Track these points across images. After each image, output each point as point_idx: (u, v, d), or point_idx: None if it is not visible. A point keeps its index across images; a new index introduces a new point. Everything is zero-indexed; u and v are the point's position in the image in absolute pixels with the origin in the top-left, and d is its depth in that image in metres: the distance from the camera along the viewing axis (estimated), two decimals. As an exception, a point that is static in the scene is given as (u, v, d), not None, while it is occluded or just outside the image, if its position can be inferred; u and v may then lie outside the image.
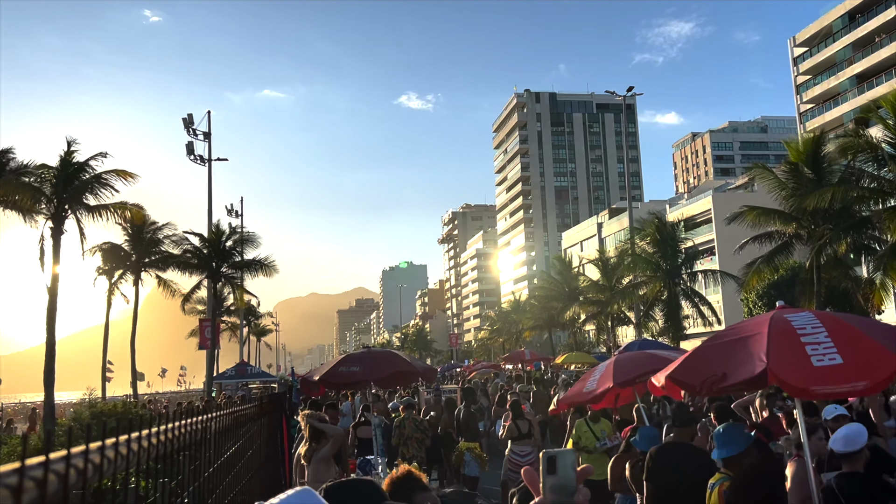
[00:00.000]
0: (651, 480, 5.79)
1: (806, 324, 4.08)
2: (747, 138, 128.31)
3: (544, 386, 20.53)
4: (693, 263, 36.62)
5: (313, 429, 6.35)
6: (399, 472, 2.74)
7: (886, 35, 56.42)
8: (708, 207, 60.29)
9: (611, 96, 41.20)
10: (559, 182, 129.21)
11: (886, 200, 23.73)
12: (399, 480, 2.69)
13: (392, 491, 2.67)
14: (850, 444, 4.74)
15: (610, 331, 45.79)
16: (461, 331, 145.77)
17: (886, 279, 24.27)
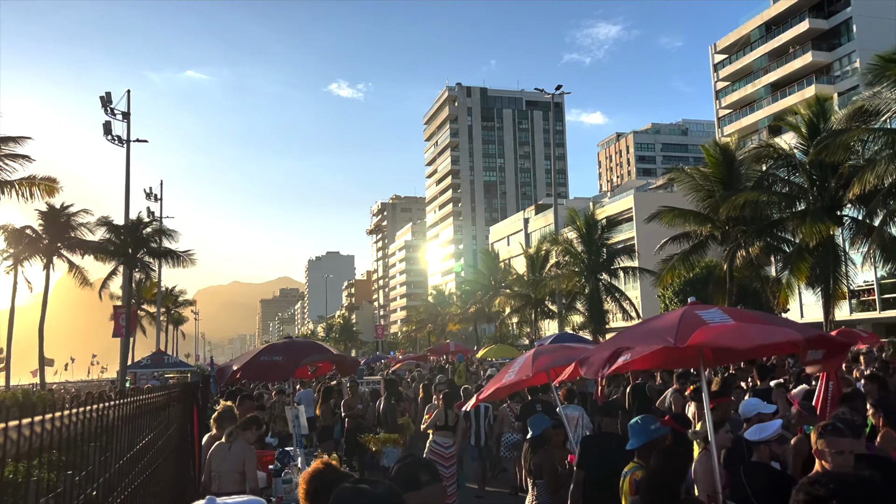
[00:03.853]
0: (582, 468, 5.95)
1: (714, 316, 4.31)
2: (669, 140, 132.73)
3: (468, 379, 20.68)
4: (614, 260, 37.67)
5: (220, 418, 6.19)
6: (318, 464, 2.71)
7: (800, 46, 59.25)
8: (629, 206, 62.03)
9: (540, 94, 41.80)
10: (488, 177, 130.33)
11: (796, 205, 24.97)
12: (320, 473, 2.67)
13: (310, 485, 2.64)
14: (763, 432, 4.98)
15: (533, 324, 46.60)
16: (388, 322, 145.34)
17: (793, 279, 25.56)
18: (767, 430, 4.97)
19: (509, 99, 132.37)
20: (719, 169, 27.16)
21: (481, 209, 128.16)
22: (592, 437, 6.29)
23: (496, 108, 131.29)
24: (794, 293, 27.71)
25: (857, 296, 42.16)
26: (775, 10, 61.51)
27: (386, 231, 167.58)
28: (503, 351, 25.60)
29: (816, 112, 24.34)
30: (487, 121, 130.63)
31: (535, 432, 6.94)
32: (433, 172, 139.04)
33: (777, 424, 5.09)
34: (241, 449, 5.98)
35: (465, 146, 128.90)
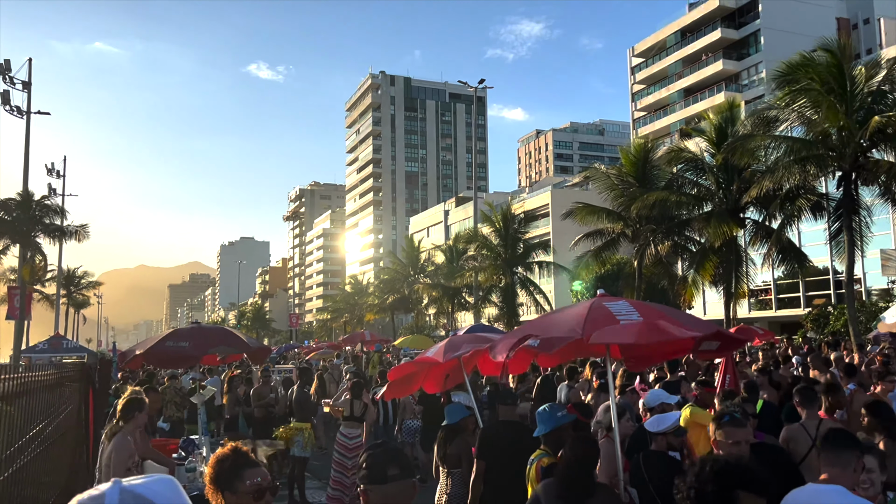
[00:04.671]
0: (482, 457, 5.97)
1: (621, 308, 4.45)
2: (586, 139, 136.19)
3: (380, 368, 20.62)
4: (530, 254, 38.39)
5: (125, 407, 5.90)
6: (226, 449, 2.66)
7: (712, 54, 61.86)
8: (547, 202, 63.27)
9: (463, 87, 42.01)
10: (410, 167, 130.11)
11: (703, 206, 26.08)
12: (226, 457, 2.61)
13: (219, 469, 2.58)
14: (661, 424, 5.17)
15: (450, 315, 46.97)
16: (303, 311, 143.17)
17: (698, 277, 26.72)
18: (665, 421, 5.17)
19: (433, 90, 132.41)
20: (634, 169, 28.09)
21: (402, 199, 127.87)
22: (492, 427, 6.35)
23: (420, 99, 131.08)
24: (699, 291, 28.97)
25: (756, 295, 44.53)
26: (690, 17, 63.93)
27: (304, 218, 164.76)
28: (419, 342, 25.63)
29: (724, 118, 25.47)
30: (410, 111, 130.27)
31: (451, 421, 6.93)
32: (354, 160, 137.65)
33: (675, 417, 5.29)
34: (118, 440, 5.64)
35: (388, 135, 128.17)
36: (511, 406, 6.41)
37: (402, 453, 2.59)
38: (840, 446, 3.44)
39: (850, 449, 3.42)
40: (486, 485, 5.93)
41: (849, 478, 3.35)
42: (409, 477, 2.45)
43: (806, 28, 54.21)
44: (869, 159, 20.05)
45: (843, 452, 3.40)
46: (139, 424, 5.86)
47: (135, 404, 5.88)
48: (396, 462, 2.45)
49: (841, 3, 62.37)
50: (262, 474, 2.63)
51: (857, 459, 3.41)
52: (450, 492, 6.65)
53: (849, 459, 3.38)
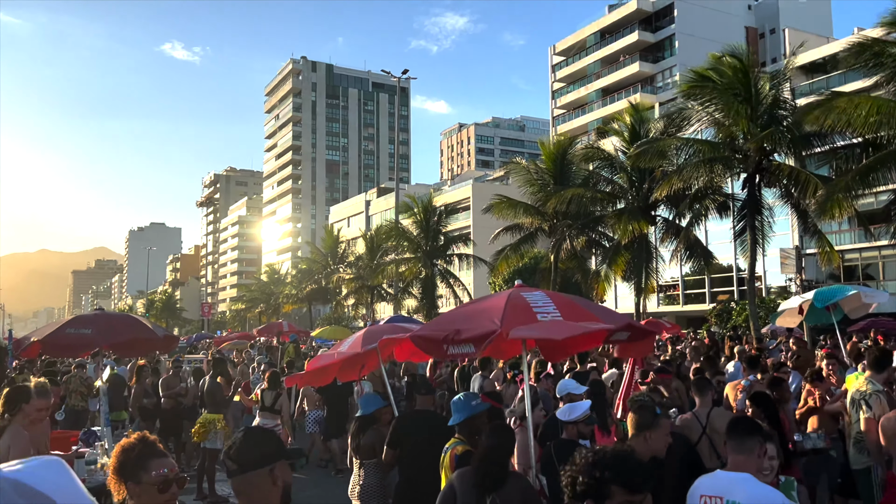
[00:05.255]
0: (392, 446, 5.98)
1: (538, 299, 4.53)
2: (507, 135, 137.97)
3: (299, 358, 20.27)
4: (451, 246, 38.61)
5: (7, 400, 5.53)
6: (132, 439, 2.57)
7: (629, 56, 63.71)
8: (468, 195, 63.77)
9: (387, 76, 41.73)
10: (331, 155, 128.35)
11: (616, 203, 26.88)
12: (132, 447, 2.52)
13: (124, 458, 2.49)
14: (572, 412, 5.28)
15: (369, 306, 46.72)
16: (216, 300, 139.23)
17: (610, 272, 27.55)
18: (577, 411, 5.29)
19: (356, 78, 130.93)
20: (552, 165, 28.68)
21: (322, 188, 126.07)
22: (406, 416, 6.36)
23: (342, 87, 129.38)
24: (611, 285, 29.87)
25: (665, 290, 46.33)
26: (610, 19, 65.59)
27: (218, 204, 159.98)
28: (337, 332, 25.32)
29: (637, 119, 26.31)
30: (332, 98, 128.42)
31: (365, 411, 6.89)
32: (273, 146, 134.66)
33: (586, 406, 5.42)
34: (12, 434, 5.30)
35: (308, 122, 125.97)
36: (427, 396, 6.42)
37: (271, 436, 2.64)
38: (744, 434, 3.58)
39: (754, 436, 3.56)
40: (401, 474, 5.93)
41: (753, 463, 3.50)
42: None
43: (717, 35, 56.57)
44: (772, 162, 21.14)
45: (748, 440, 3.54)
46: (30, 415, 5.51)
47: (18, 395, 5.47)
48: (268, 443, 2.53)
49: (750, 14, 65.40)
50: (169, 465, 2.55)
51: (760, 446, 3.56)
52: (363, 482, 6.62)
53: (752, 446, 3.52)
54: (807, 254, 30.74)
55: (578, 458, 2.57)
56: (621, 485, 2.40)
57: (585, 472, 2.47)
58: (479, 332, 4.35)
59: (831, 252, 21.51)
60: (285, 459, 2.57)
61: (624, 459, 2.49)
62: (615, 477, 2.41)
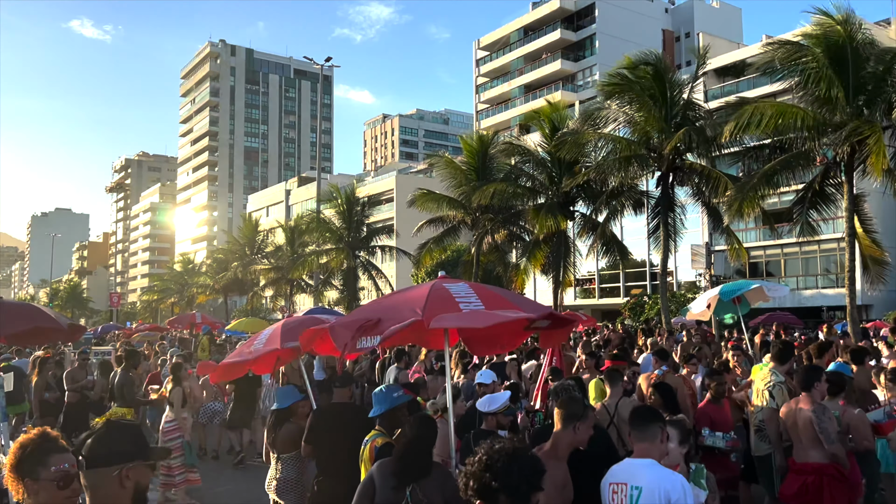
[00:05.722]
0: (309, 441, 5.89)
1: (461, 290, 4.53)
2: (431, 127, 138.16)
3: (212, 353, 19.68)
4: (373, 238, 38.38)
5: None
6: (33, 434, 2.45)
7: (551, 54, 64.79)
8: (391, 187, 63.53)
9: (309, 63, 41.05)
10: (250, 143, 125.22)
11: (537, 198, 27.32)
12: (31, 442, 2.40)
13: (21, 454, 2.37)
14: (492, 403, 5.32)
15: (288, 297, 45.90)
16: (126, 290, 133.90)
17: (529, 265, 28.02)
18: (496, 402, 5.33)
19: (277, 64, 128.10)
20: (474, 159, 28.89)
21: (240, 176, 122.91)
22: (322, 409, 6.29)
23: (262, 72, 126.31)
24: (530, 278, 30.39)
25: (582, 284, 47.53)
26: (533, 16, 66.50)
27: (129, 190, 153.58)
28: (254, 325, 24.70)
29: (557, 116, 26.80)
30: (252, 84, 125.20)
31: (281, 405, 6.76)
32: (188, 131, 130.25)
33: (505, 397, 5.47)
34: None
35: (226, 108, 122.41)
36: (343, 388, 6.35)
37: (135, 432, 2.57)
38: (646, 421, 3.70)
39: (655, 423, 3.69)
40: (319, 468, 5.85)
41: (657, 449, 3.63)
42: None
43: (636, 37, 58.29)
44: (684, 162, 21.96)
45: (650, 427, 3.66)
46: None
47: None
48: (123, 443, 2.47)
49: (667, 17, 67.70)
50: (71, 460, 2.43)
51: (662, 431, 3.69)
52: (280, 476, 6.51)
53: (654, 433, 3.65)
54: (716, 250, 32.14)
55: (474, 458, 2.57)
56: (507, 495, 2.41)
57: (476, 477, 2.48)
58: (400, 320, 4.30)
59: (740, 249, 22.56)
60: (143, 460, 2.47)
61: (515, 465, 2.48)
62: (503, 486, 2.42)
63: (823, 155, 18.81)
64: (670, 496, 3.33)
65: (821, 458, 5.54)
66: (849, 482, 5.54)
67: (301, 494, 6.46)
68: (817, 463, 5.55)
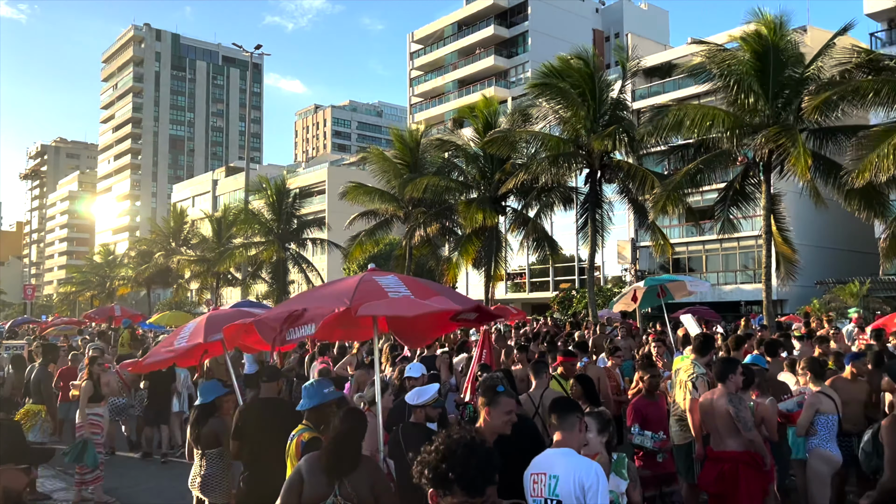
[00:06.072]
0: (238, 437, 5.78)
1: (390, 282, 4.51)
2: (364, 119, 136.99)
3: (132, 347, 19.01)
4: (304, 230, 37.85)
5: None
6: None
7: (485, 50, 65.17)
8: (323, 179, 62.74)
9: (238, 50, 40.12)
10: (175, 131, 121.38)
11: (469, 192, 27.49)
12: None
13: None
14: (421, 396, 5.31)
15: (215, 291, 44.79)
16: (41, 282, 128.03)
17: (461, 259, 28.19)
18: (425, 394, 5.33)
19: (204, 51, 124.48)
20: (406, 153, 28.83)
21: (165, 164, 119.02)
22: (250, 404, 6.18)
23: (189, 59, 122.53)
24: (462, 271, 30.58)
25: (512, 278, 48.14)
26: (467, 11, 66.70)
27: (45, 178, 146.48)
28: (178, 318, 23.99)
29: (490, 112, 27.01)
30: (178, 70, 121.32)
31: (205, 399, 6.58)
32: (110, 118, 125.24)
33: (433, 389, 5.48)
34: None
35: (151, 94, 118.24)
36: (271, 383, 6.24)
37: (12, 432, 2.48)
38: (565, 411, 3.79)
39: (573, 413, 3.78)
40: (247, 464, 5.75)
41: (575, 438, 3.72)
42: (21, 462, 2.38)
43: (567, 35, 59.26)
44: (612, 160, 22.49)
45: (568, 417, 3.75)
46: None
47: None
48: None
49: (597, 17, 69.06)
50: None
51: (580, 421, 3.78)
52: (205, 473, 6.34)
53: (573, 422, 3.74)
54: (641, 246, 33.07)
55: (430, 447, 2.56)
56: (461, 487, 2.42)
57: (431, 466, 2.47)
58: (327, 310, 4.25)
59: (665, 244, 23.27)
60: (15, 464, 2.35)
61: (472, 458, 2.48)
62: (458, 478, 2.42)
63: (744, 155, 19.62)
64: (584, 483, 3.40)
65: (737, 446, 5.77)
66: (763, 469, 5.79)
67: (226, 491, 6.32)
68: (733, 451, 5.79)
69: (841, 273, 32.93)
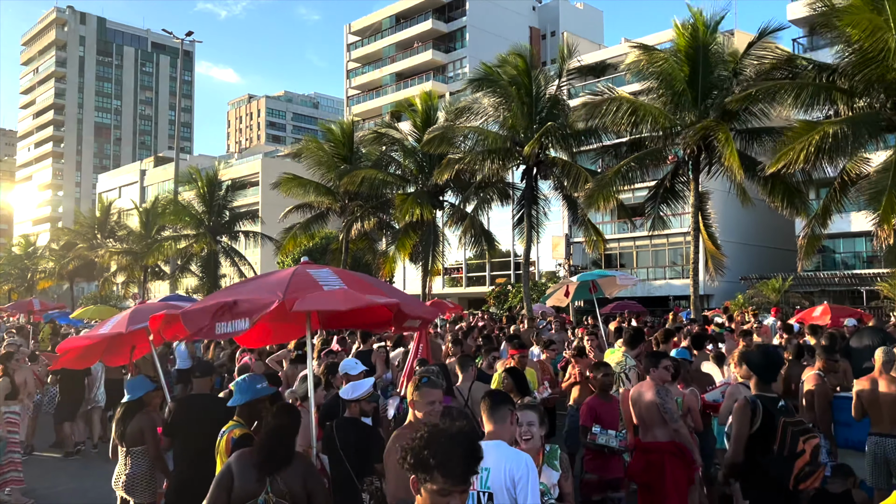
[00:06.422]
0: (170, 434, 5.67)
1: (325, 275, 4.44)
2: (300, 110, 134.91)
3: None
4: (237, 223, 37.07)
5: None
6: None
7: (423, 44, 65.05)
8: (257, 171, 61.52)
9: (168, 37, 38.92)
10: (101, 118, 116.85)
11: (406, 186, 27.41)
12: None
13: None
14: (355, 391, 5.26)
15: (142, 284, 43.43)
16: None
17: (398, 253, 28.12)
18: (360, 389, 5.29)
19: (133, 36, 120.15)
20: (342, 146, 28.51)
21: (89, 153, 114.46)
22: (182, 400, 6.03)
23: (116, 44, 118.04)
24: (398, 265, 30.52)
25: (449, 272, 48.30)
26: (405, 4, 66.42)
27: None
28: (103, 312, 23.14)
29: (428, 106, 26.99)
30: (104, 55, 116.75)
31: (132, 396, 6.36)
32: (30, 103, 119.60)
33: (368, 384, 5.44)
34: None
35: (74, 80, 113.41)
36: (203, 378, 6.08)
37: None
38: (497, 403, 3.82)
39: (505, 405, 3.82)
40: (178, 461, 5.62)
41: (507, 430, 3.75)
42: None
43: (504, 31, 59.72)
44: (548, 156, 22.80)
45: (500, 409, 3.79)
46: None
47: None
48: None
49: (534, 14, 69.81)
50: None
51: (511, 413, 3.82)
52: (129, 472, 6.13)
53: (504, 414, 3.77)
54: (574, 242, 33.67)
55: (416, 434, 2.56)
56: (442, 474, 2.41)
57: (415, 452, 2.47)
58: (259, 302, 4.14)
59: (598, 240, 23.74)
60: None
61: (457, 448, 2.48)
62: (439, 465, 2.42)
63: (675, 154, 20.20)
64: (514, 474, 3.43)
65: (664, 437, 5.94)
66: (688, 458, 5.97)
67: (152, 490, 6.12)
68: (660, 442, 5.95)
69: (764, 269, 34.32)
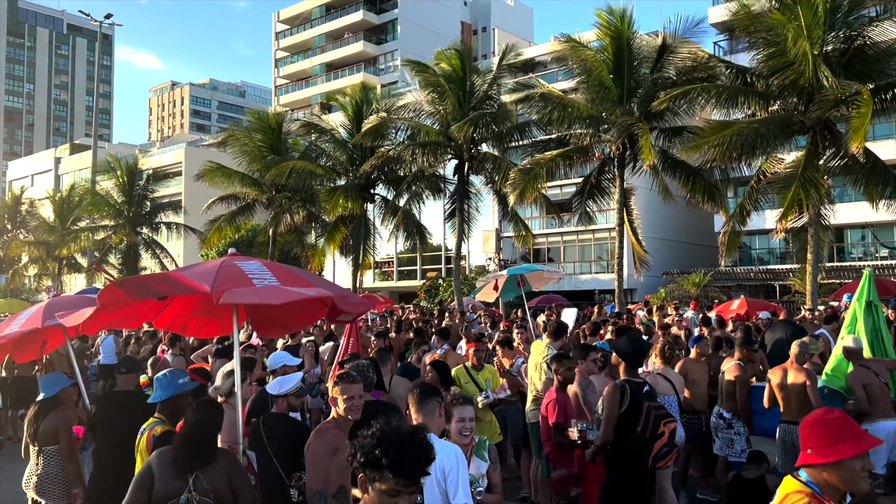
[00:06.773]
0: (94, 430, 5.53)
1: (253, 268, 4.34)
2: (226, 99, 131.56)
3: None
4: (158, 214, 35.90)
5: None
6: None
7: (354, 35, 64.38)
8: (180, 160, 59.64)
9: (86, 19, 37.28)
10: (11, 102, 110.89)
11: (337, 179, 27.11)
12: None
13: None
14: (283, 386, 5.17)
15: (57, 277, 41.56)
16: None
17: (327, 246, 27.81)
18: (287, 383, 5.20)
19: (47, 17, 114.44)
20: (268, 136, 27.89)
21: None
22: (106, 397, 5.82)
23: (29, 24, 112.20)
24: (328, 258, 30.18)
25: (380, 266, 48.09)
26: (336, -6, 65.61)
27: None
28: (14, 306, 22.03)
29: (361, 98, 26.74)
30: (15, 36, 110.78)
31: (47, 393, 6.07)
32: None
33: (297, 378, 5.36)
34: None
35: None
36: (128, 375, 5.87)
37: None
38: (425, 396, 3.85)
39: (433, 398, 3.86)
40: (98, 460, 5.44)
41: (435, 423, 3.78)
42: None
43: (436, 26, 59.76)
44: (479, 152, 22.99)
45: (429, 401, 3.82)
46: None
47: None
48: None
49: (466, 9, 70.08)
50: None
51: (440, 406, 3.86)
52: (41, 472, 5.85)
53: (433, 407, 3.81)
54: (505, 236, 34.06)
55: (367, 431, 2.51)
56: (393, 474, 2.38)
57: (366, 450, 2.43)
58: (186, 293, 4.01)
59: (527, 235, 24.09)
60: None
61: (412, 449, 2.45)
62: (391, 465, 2.39)
63: (601, 151, 20.69)
64: (444, 467, 3.46)
65: (585, 426, 6.07)
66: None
67: (65, 492, 5.86)
68: (582, 430, 6.07)
69: (685, 264, 35.57)
